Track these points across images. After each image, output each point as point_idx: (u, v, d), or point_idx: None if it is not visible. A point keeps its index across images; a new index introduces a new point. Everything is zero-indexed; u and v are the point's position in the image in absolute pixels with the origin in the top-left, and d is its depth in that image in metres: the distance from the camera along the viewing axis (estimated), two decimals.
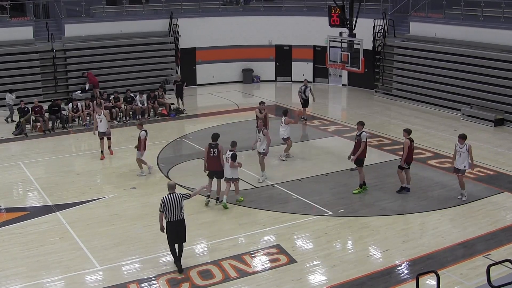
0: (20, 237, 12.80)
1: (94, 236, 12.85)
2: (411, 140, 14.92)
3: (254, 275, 11.17)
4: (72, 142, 20.75)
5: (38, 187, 15.85)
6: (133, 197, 15.16)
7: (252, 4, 31.86)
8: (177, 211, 10.91)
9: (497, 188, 15.62)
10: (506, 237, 12.74)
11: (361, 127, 15.01)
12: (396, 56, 27.07)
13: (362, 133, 14.92)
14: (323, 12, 25.63)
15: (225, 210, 14.19)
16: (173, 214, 10.90)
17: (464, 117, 22.97)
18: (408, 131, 15.08)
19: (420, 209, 14.30)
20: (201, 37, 29.60)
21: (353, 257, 11.95)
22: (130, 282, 10.89)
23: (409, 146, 14.81)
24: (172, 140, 20.35)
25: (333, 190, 15.66)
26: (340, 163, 17.58)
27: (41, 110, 21.55)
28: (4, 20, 25.66)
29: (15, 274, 11.24)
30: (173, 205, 10.87)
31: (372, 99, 27.23)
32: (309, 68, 30.83)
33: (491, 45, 23.49)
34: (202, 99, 27.84)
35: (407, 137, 14.90)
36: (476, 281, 10.66)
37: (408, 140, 14.84)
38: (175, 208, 10.88)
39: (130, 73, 26.97)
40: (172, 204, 10.86)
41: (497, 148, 19.32)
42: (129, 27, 27.79)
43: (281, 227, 13.28)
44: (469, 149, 14.51)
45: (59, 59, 25.69)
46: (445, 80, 24.60)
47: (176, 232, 11.06)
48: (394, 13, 28.03)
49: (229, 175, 14.32)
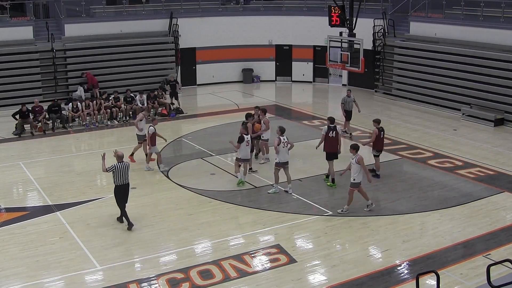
0: (20, 237, 12.80)
1: (94, 236, 12.85)
2: (380, 129, 16.01)
3: (254, 275, 11.17)
4: (72, 142, 20.75)
5: (38, 187, 15.85)
6: (133, 197, 15.11)
7: (252, 4, 31.85)
8: (125, 176, 12.80)
9: (497, 188, 15.62)
10: (506, 237, 12.74)
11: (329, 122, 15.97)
12: (396, 56, 27.06)
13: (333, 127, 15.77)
14: (323, 12, 25.63)
15: (225, 210, 14.21)
16: (122, 179, 12.78)
17: (464, 117, 22.97)
18: (377, 121, 16.19)
19: (420, 209, 14.30)
20: (201, 37, 29.60)
21: (353, 257, 11.95)
22: (130, 282, 10.89)
23: (377, 134, 15.91)
24: (172, 140, 20.34)
25: (333, 190, 15.66)
26: (340, 163, 17.57)
27: (41, 110, 21.56)
28: (4, 20, 25.65)
29: (15, 274, 11.24)
30: (122, 172, 12.72)
31: (372, 99, 27.22)
32: (309, 68, 30.84)
33: (491, 45, 23.48)
34: (202, 99, 27.84)
35: (377, 126, 15.99)
36: (476, 281, 10.67)
37: (377, 130, 15.93)
38: (123, 174, 12.76)
39: (130, 73, 26.96)
40: (121, 171, 12.71)
41: (497, 148, 19.31)
42: (129, 27, 27.78)
43: (281, 227, 13.29)
44: (360, 161, 13.48)
45: (59, 59, 25.68)
46: (445, 80, 24.60)
47: (123, 194, 12.98)
48: (394, 13, 28.03)
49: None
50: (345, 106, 20.14)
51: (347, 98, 20.10)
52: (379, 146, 16.19)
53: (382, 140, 16.23)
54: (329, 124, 15.86)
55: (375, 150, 16.26)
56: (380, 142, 16.18)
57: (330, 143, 15.68)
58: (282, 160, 14.89)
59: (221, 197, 15.03)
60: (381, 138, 16.16)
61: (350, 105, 20.12)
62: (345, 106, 20.14)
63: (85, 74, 25.44)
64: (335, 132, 15.66)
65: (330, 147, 15.72)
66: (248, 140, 15.57)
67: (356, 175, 13.58)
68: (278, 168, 15.03)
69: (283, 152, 14.83)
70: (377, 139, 16.10)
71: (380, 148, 16.29)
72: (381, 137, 16.15)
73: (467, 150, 18.85)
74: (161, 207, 14.52)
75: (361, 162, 13.47)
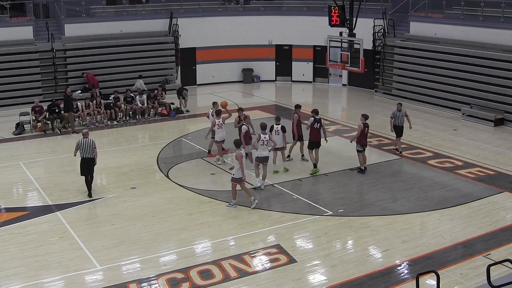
0: (20, 237, 12.80)
1: (94, 236, 12.85)
2: (365, 125, 16.35)
3: (254, 275, 11.17)
4: (72, 142, 20.69)
5: (38, 187, 15.85)
6: (133, 197, 15.16)
7: (252, 4, 31.85)
8: (88, 151, 14.77)
9: (497, 188, 15.62)
10: (506, 237, 12.74)
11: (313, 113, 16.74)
12: (396, 56, 27.06)
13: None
14: (323, 12, 25.62)
15: (225, 210, 14.21)
16: (85, 153, 14.78)
17: (464, 117, 22.97)
18: (365, 116, 16.49)
19: (420, 209, 14.30)
20: (201, 37, 29.60)
21: (353, 257, 11.95)
22: (130, 282, 10.89)
23: (362, 129, 16.26)
24: (172, 140, 20.34)
25: (333, 190, 15.67)
26: (340, 163, 17.60)
27: (41, 110, 21.57)
28: (4, 20, 25.65)
29: (15, 274, 11.24)
30: (86, 147, 14.76)
31: (372, 99, 27.23)
32: (309, 68, 30.84)
33: (491, 45, 23.49)
34: (202, 99, 27.82)
35: (363, 121, 16.33)
36: (476, 281, 10.67)
37: (362, 125, 16.30)
38: (87, 149, 14.75)
39: (130, 73, 26.95)
40: (85, 146, 14.75)
41: (497, 148, 19.31)
42: (129, 27, 27.79)
43: (281, 227, 13.28)
44: (238, 157, 13.82)
45: (59, 59, 25.68)
46: (445, 80, 24.60)
47: (87, 167, 14.91)
48: (394, 13, 28.03)
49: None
50: (395, 121, 18.29)
51: (398, 112, 18.22)
52: (363, 141, 16.49)
53: (366, 136, 16.59)
54: (314, 115, 16.69)
55: (359, 145, 16.52)
56: (364, 138, 16.52)
57: (314, 133, 16.57)
58: (260, 155, 15.33)
59: (221, 197, 15.03)
60: (365, 133, 16.49)
61: (401, 120, 18.20)
62: (395, 121, 18.29)
63: (85, 74, 25.44)
64: (319, 124, 16.59)
65: (314, 136, 16.60)
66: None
67: (236, 172, 14.01)
68: (258, 163, 15.47)
69: (262, 148, 15.34)
70: (361, 134, 16.42)
71: (364, 143, 16.58)
72: (365, 132, 16.48)
73: (467, 150, 18.85)
74: (161, 207, 14.52)
75: (239, 159, 13.80)
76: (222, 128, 17.28)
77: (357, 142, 16.61)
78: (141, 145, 19.79)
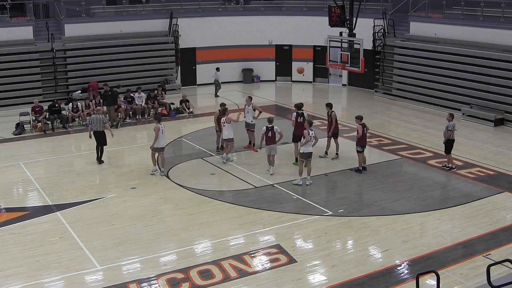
0: (20, 237, 12.80)
1: (94, 236, 12.85)
2: (364, 125, 16.57)
3: (254, 275, 11.17)
4: (72, 142, 20.75)
5: (38, 187, 15.84)
6: (133, 197, 15.16)
7: (252, 4, 31.85)
8: (100, 125, 17.36)
9: (497, 188, 15.62)
10: (506, 237, 12.74)
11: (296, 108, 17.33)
12: (396, 56, 27.06)
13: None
14: (323, 12, 25.64)
15: (225, 210, 14.22)
16: (98, 127, 17.34)
17: (464, 117, 22.97)
18: (359, 117, 16.74)
19: (420, 209, 14.30)
20: (201, 37, 29.60)
21: (353, 257, 11.95)
22: (130, 282, 10.89)
23: (362, 130, 16.50)
24: (172, 140, 20.34)
25: (333, 190, 15.66)
26: (340, 163, 17.60)
27: (41, 110, 21.56)
28: (4, 20, 25.64)
29: (15, 274, 11.24)
30: (98, 121, 17.35)
31: (372, 99, 27.23)
32: (309, 68, 30.84)
33: (491, 45, 23.49)
34: (202, 99, 27.83)
35: (360, 123, 16.56)
36: (476, 281, 10.67)
37: (361, 126, 16.49)
38: (99, 123, 17.34)
39: (130, 73, 26.96)
40: (97, 121, 17.36)
41: (497, 148, 19.31)
42: (129, 27, 27.79)
43: (281, 227, 13.28)
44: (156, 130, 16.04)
45: (59, 59, 25.68)
46: (445, 80, 24.60)
47: (100, 138, 17.54)
48: (394, 13, 28.03)
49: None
50: (452, 134, 16.58)
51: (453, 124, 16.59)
52: (363, 142, 16.67)
53: (365, 136, 16.77)
54: (296, 110, 17.25)
55: (359, 146, 16.66)
56: (364, 138, 16.70)
57: (297, 127, 16.93)
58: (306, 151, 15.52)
59: (221, 197, 15.04)
60: (364, 134, 16.67)
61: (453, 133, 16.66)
62: (452, 134, 16.58)
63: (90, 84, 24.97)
64: (302, 118, 17.00)
65: (297, 131, 16.92)
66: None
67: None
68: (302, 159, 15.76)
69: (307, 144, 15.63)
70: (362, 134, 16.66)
71: (364, 144, 16.76)
72: (364, 133, 16.66)
73: (467, 150, 18.85)
74: (161, 207, 14.53)
75: (155, 131, 16.13)
76: (226, 126, 17.44)
77: (357, 143, 16.69)
78: (141, 145, 19.78)
